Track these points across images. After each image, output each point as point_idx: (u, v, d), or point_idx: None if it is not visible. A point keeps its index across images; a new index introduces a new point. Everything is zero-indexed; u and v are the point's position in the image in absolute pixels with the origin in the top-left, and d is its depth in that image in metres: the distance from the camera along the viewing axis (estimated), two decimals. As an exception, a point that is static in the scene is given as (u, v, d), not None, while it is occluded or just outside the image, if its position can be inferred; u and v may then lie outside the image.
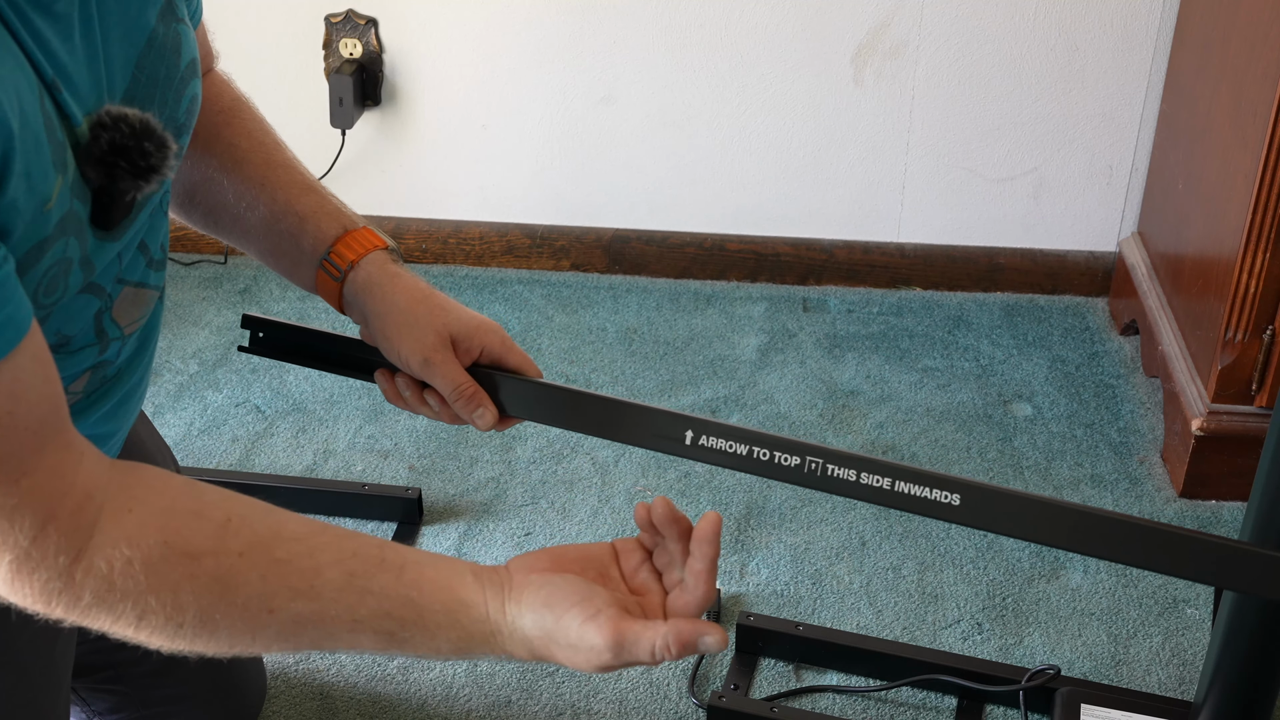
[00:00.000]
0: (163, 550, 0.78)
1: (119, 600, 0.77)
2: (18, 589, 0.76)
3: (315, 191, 1.08)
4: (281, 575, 0.80)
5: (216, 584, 0.79)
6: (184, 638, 0.80)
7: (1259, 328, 1.62)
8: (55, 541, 0.75)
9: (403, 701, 1.46)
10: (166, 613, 0.78)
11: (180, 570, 0.78)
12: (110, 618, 0.78)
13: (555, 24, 2.10)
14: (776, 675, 1.50)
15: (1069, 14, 2.01)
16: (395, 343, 1.03)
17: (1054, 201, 2.16)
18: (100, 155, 0.80)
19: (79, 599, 0.77)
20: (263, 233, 1.07)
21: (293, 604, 0.80)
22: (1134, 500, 1.74)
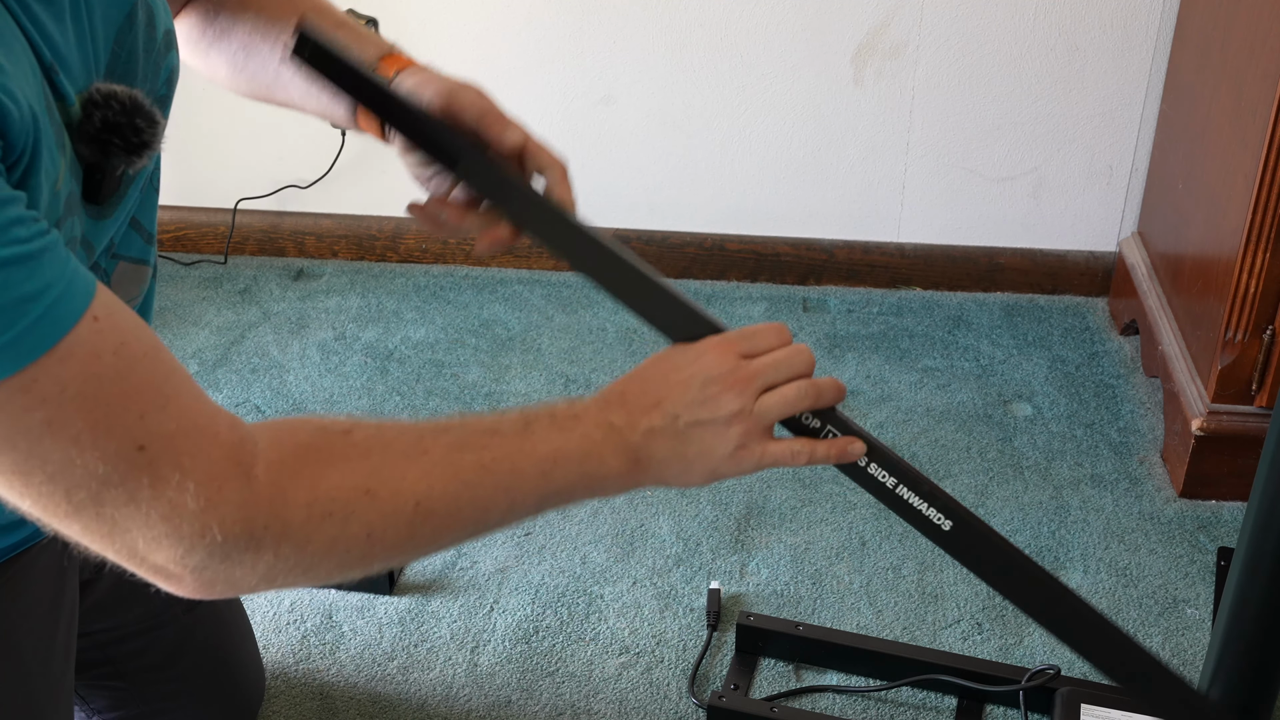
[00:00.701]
0: (320, 431, 0.80)
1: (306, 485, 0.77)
2: (212, 516, 0.73)
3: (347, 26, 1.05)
4: (416, 425, 0.83)
5: (376, 442, 0.80)
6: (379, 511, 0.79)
7: (1259, 328, 1.62)
8: (230, 451, 0.74)
9: (403, 701, 1.46)
10: (350, 482, 0.78)
11: (342, 442, 0.79)
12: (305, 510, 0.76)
13: (555, 24, 2.10)
14: (776, 675, 1.50)
15: (1069, 14, 2.01)
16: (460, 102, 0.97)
17: (1054, 201, 2.16)
18: (94, 133, 0.80)
19: (272, 498, 0.75)
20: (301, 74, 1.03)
21: (439, 437, 0.82)
22: (1134, 500, 1.74)
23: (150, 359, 0.73)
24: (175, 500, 0.72)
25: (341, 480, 0.78)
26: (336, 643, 1.54)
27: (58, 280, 0.69)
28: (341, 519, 0.77)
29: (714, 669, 1.50)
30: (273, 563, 0.76)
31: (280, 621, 1.57)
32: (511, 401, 1.94)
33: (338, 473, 0.78)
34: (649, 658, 1.52)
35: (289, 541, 0.76)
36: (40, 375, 0.68)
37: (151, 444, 0.71)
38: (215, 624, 1.30)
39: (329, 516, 0.77)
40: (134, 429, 0.71)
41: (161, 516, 0.72)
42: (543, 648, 1.53)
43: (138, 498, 0.71)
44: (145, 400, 0.72)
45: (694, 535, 1.69)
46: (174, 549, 0.73)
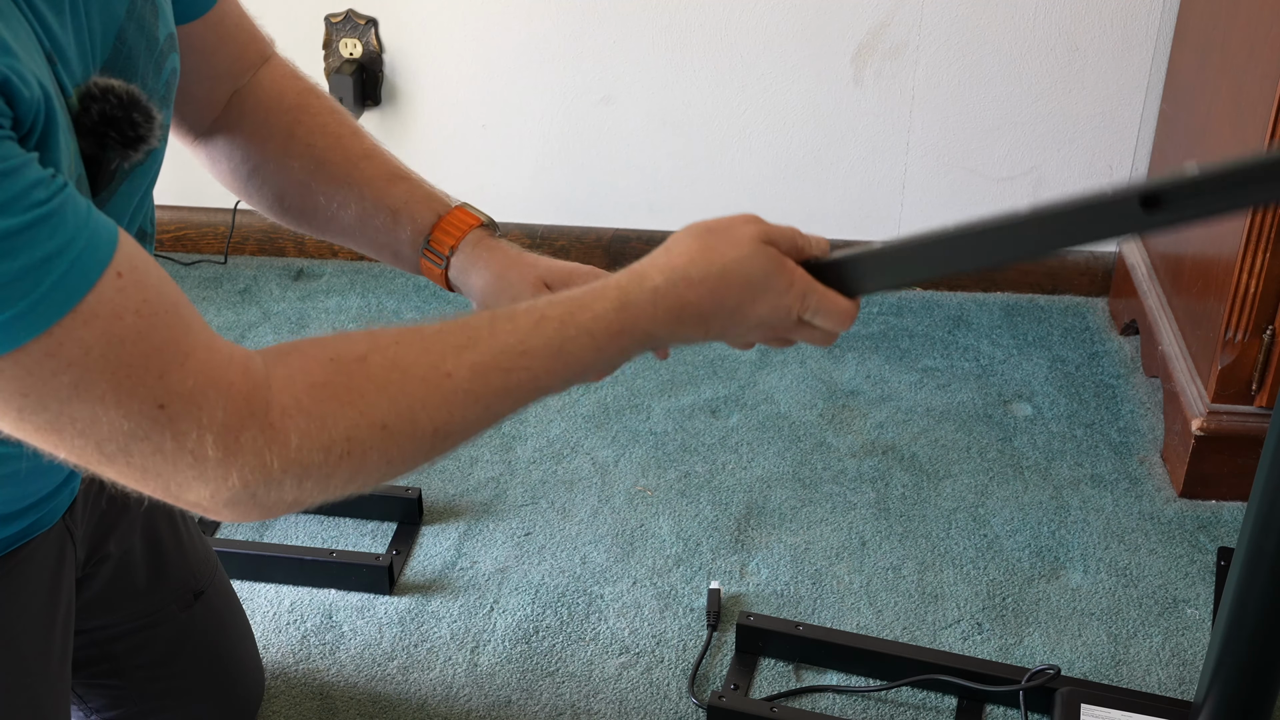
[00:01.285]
0: (333, 366, 0.79)
1: (322, 427, 0.78)
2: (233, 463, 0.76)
3: (403, 179, 1.08)
4: (439, 341, 0.82)
5: (394, 371, 0.80)
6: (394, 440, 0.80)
7: (1259, 328, 1.62)
8: (243, 401, 0.76)
9: (403, 701, 1.46)
10: (366, 419, 0.79)
11: (358, 374, 0.79)
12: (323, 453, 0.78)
13: (555, 24, 2.10)
14: (776, 675, 1.50)
15: (1069, 14, 2.01)
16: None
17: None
18: (91, 126, 0.81)
19: (288, 443, 0.77)
20: (359, 228, 1.07)
21: (461, 358, 0.82)
22: (1134, 500, 1.74)
23: (171, 314, 0.75)
24: (197, 452, 0.75)
25: (358, 418, 0.78)
26: (336, 643, 1.54)
27: (79, 235, 0.71)
28: (359, 455, 0.79)
29: (714, 669, 1.50)
30: (298, 494, 0.79)
31: (280, 621, 1.57)
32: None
33: (353, 409, 0.78)
34: (649, 658, 1.52)
35: (309, 479, 0.78)
36: (65, 338, 0.70)
37: (171, 402, 0.73)
38: (213, 622, 1.30)
39: (347, 455, 0.78)
40: (154, 388, 0.73)
41: (187, 465, 0.75)
42: (543, 648, 1.53)
43: (163, 449, 0.74)
44: (165, 358, 0.73)
45: (694, 535, 1.69)
46: (203, 490, 0.76)
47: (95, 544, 1.17)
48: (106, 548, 1.18)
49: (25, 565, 1.04)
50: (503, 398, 0.83)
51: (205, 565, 1.29)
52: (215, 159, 1.11)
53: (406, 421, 0.80)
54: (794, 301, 0.91)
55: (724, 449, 1.85)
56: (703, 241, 0.90)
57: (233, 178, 1.11)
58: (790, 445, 1.85)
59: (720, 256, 0.89)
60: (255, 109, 1.09)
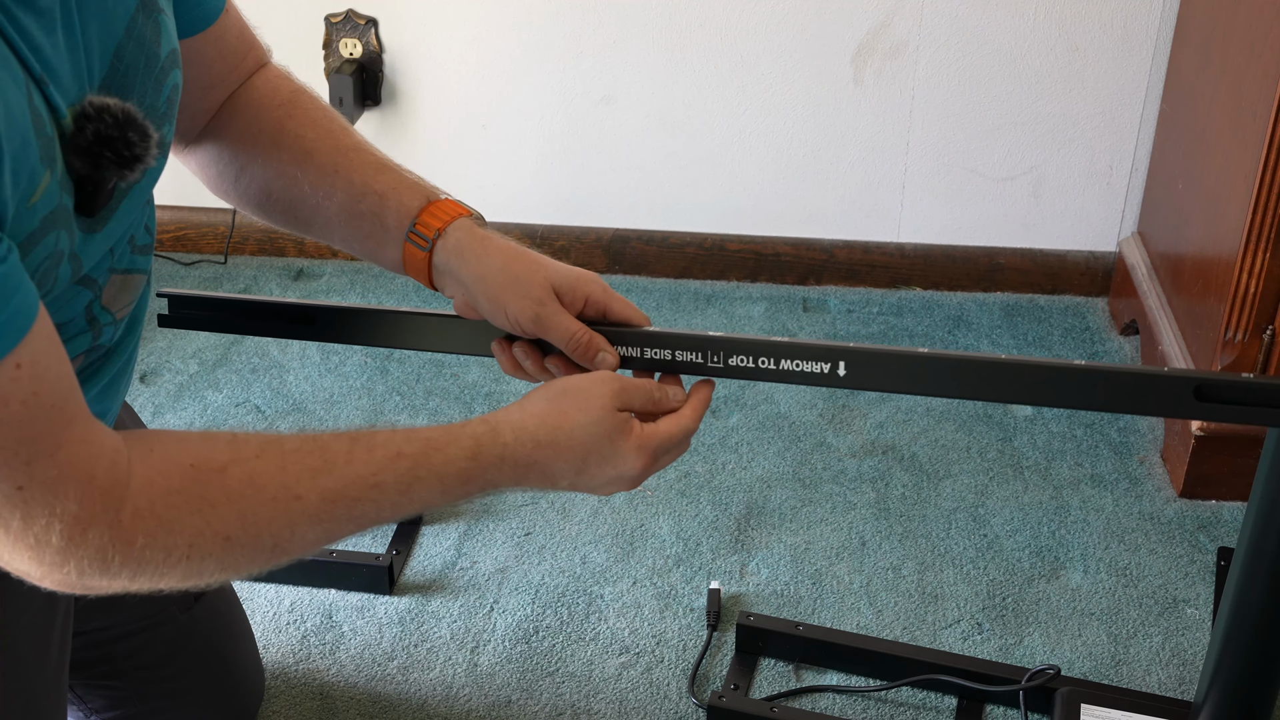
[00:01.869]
0: (193, 473, 0.82)
1: (168, 532, 0.80)
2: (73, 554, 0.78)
3: (390, 169, 1.08)
4: (297, 461, 0.85)
5: (248, 487, 0.83)
6: (234, 552, 0.83)
7: (1259, 328, 1.62)
8: (100, 498, 0.78)
9: (403, 701, 1.46)
10: (213, 529, 0.82)
11: (214, 485, 0.82)
12: (164, 554, 0.81)
13: (555, 24, 2.10)
14: (776, 675, 1.50)
15: (1069, 14, 2.01)
16: (501, 303, 1.02)
17: (1054, 201, 2.16)
18: (86, 146, 0.81)
19: (133, 543, 0.79)
20: (344, 218, 1.06)
21: (315, 482, 0.85)
22: (1134, 500, 1.74)
23: (56, 409, 0.76)
24: (41, 537, 0.77)
25: (204, 528, 0.81)
26: (336, 643, 1.54)
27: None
28: (198, 560, 0.82)
29: (714, 669, 1.50)
30: (127, 585, 0.82)
31: (280, 621, 1.57)
32: (511, 401, 1.94)
33: (201, 519, 0.81)
34: (649, 658, 1.52)
35: (144, 574, 0.81)
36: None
37: (30, 486, 0.75)
38: (213, 623, 1.30)
39: (186, 559, 0.82)
40: (18, 472, 0.75)
41: (27, 546, 0.77)
42: (543, 648, 1.53)
43: (9, 527, 0.76)
44: (37, 448, 0.75)
45: (694, 535, 1.69)
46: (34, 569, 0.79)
47: None
48: None
49: None
50: (345, 524, 0.87)
51: None
52: (204, 163, 1.11)
53: (250, 537, 0.83)
54: (639, 464, 0.95)
55: (724, 449, 1.85)
56: (554, 405, 0.94)
57: (220, 180, 1.11)
58: (790, 445, 1.85)
59: (567, 421, 0.93)
60: (246, 108, 1.09)
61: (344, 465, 0.86)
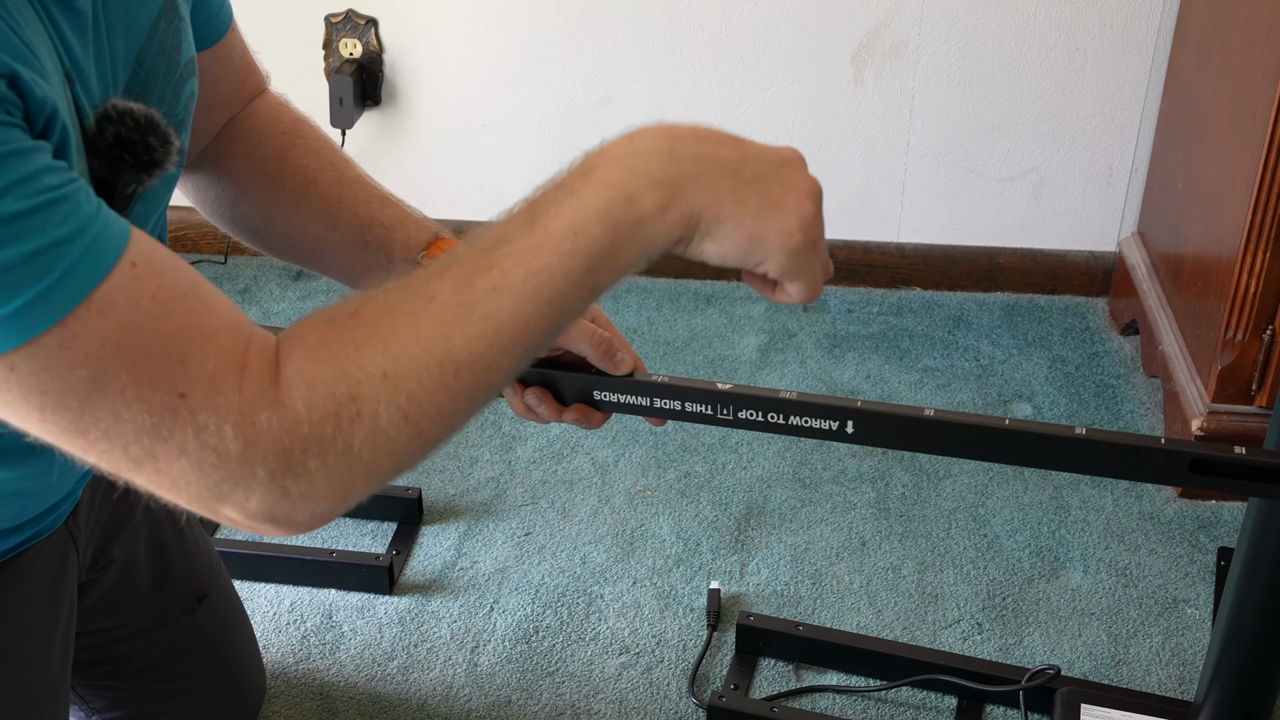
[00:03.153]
0: (328, 326, 0.75)
1: (324, 389, 0.73)
2: (253, 453, 0.72)
3: (394, 203, 1.07)
4: (422, 274, 0.77)
5: (383, 314, 0.75)
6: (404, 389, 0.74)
7: (1259, 328, 1.62)
8: (256, 381, 0.72)
9: (403, 701, 1.46)
10: (365, 371, 0.73)
11: (349, 328, 0.75)
12: (333, 419, 0.73)
13: (555, 24, 2.10)
14: (776, 675, 1.50)
15: (1069, 14, 2.01)
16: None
17: (1054, 201, 2.16)
18: (105, 148, 0.80)
19: (297, 414, 0.72)
20: (347, 248, 1.05)
21: (445, 275, 0.76)
22: (1134, 500, 1.74)
23: (190, 296, 0.72)
24: (220, 446, 0.71)
25: (356, 372, 0.73)
26: (336, 643, 1.54)
27: (92, 224, 0.69)
28: (370, 415, 0.73)
29: (714, 669, 1.50)
30: (329, 478, 0.74)
31: (280, 621, 1.57)
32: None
33: (350, 364, 0.73)
34: (649, 658, 1.52)
35: (331, 454, 0.74)
36: (80, 330, 0.68)
37: (192, 390, 0.70)
38: (216, 625, 1.30)
39: (357, 416, 0.73)
40: (175, 375, 0.70)
41: (213, 465, 0.72)
42: (543, 648, 1.53)
43: (186, 449, 0.71)
44: (185, 343, 0.71)
45: (694, 535, 1.69)
46: (235, 493, 0.73)
47: (100, 549, 1.17)
48: (111, 553, 1.18)
49: (26, 571, 1.04)
50: (494, 298, 0.75)
51: (209, 569, 1.29)
52: (201, 186, 1.10)
53: (406, 362, 0.74)
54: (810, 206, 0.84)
55: (724, 449, 1.85)
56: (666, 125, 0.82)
57: (217, 204, 1.10)
58: (790, 445, 1.85)
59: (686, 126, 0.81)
60: (248, 134, 1.09)
61: (466, 250, 0.77)
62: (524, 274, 0.75)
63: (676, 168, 0.79)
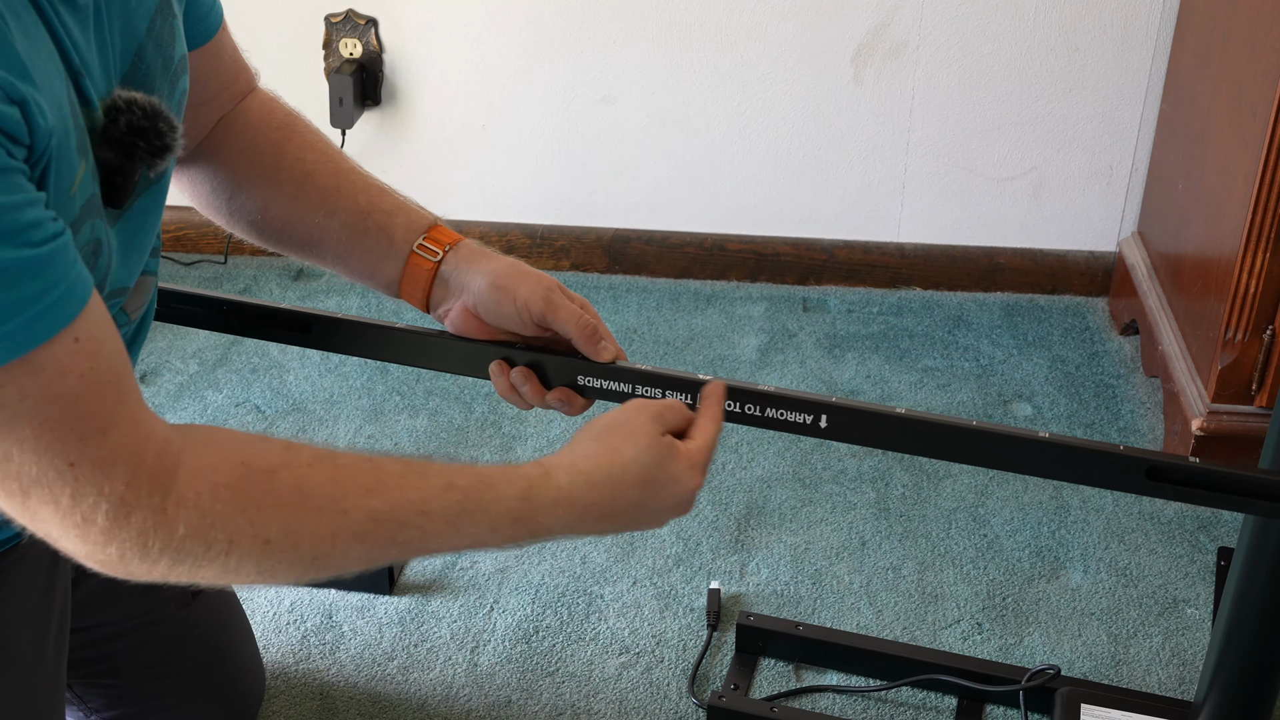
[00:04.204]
0: (243, 470, 0.82)
1: (211, 527, 0.80)
2: (116, 535, 0.78)
3: (390, 193, 1.10)
4: (349, 477, 0.84)
5: (295, 493, 0.83)
6: (272, 556, 0.82)
7: (1259, 328, 1.62)
8: (147, 483, 0.78)
9: (403, 701, 1.46)
10: (255, 530, 0.81)
11: (261, 486, 0.82)
12: (204, 548, 0.80)
13: (555, 24, 2.10)
14: (776, 675, 1.50)
15: (1069, 14, 2.01)
16: (512, 291, 1.04)
17: (1054, 201, 2.16)
18: (119, 136, 0.84)
19: (174, 532, 0.79)
20: (346, 234, 1.08)
21: (364, 501, 0.84)
22: (1134, 500, 1.74)
23: (111, 386, 0.78)
24: (88, 515, 0.77)
25: (246, 527, 0.81)
26: (336, 643, 1.54)
27: (55, 287, 0.74)
28: (236, 559, 0.81)
29: (714, 669, 1.50)
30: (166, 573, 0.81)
31: (280, 621, 1.57)
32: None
33: (244, 518, 0.81)
34: (649, 658, 1.52)
35: (182, 565, 0.81)
36: (7, 381, 0.73)
37: (82, 464, 0.76)
38: (212, 622, 1.30)
39: (224, 555, 0.81)
40: (71, 448, 0.76)
41: (74, 524, 0.78)
42: (543, 648, 1.53)
43: (59, 503, 0.77)
44: (91, 425, 0.76)
45: (694, 535, 1.69)
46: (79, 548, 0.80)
47: None
48: None
49: (20, 564, 1.04)
50: (389, 547, 0.86)
51: None
52: (196, 181, 1.13)
53: (291, 544, 0.82)
54: (695, 481, 0.95)
55: (724, 449, 1.85)
56: (602, 443, 0.93)
57: (213, 198, 1.12)
58: (790, 445, 1.85)
59: (619, 457, 0.92)
60: (243, 130, 1.11)
61: (395, 488, 0.85)
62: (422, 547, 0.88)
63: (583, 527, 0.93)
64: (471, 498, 0.87)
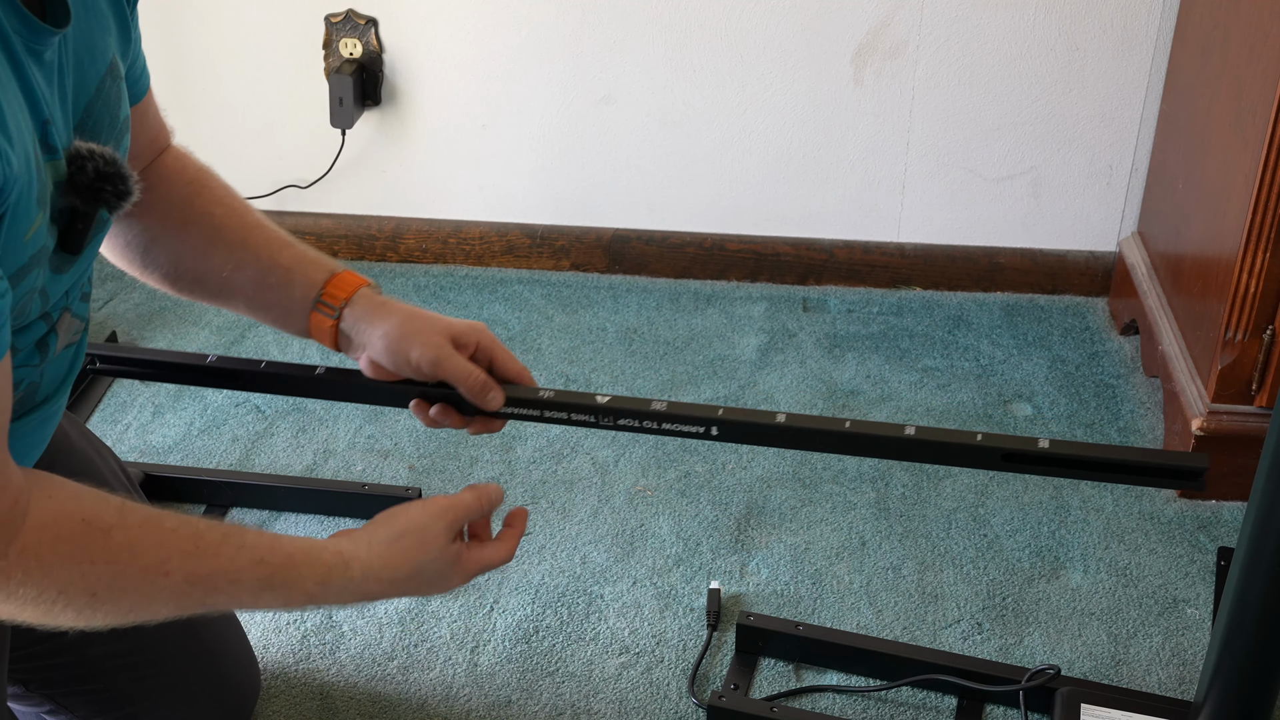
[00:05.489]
0: (83, 527, 0.89)
1: (45, 575, 0.87)
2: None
3: (293, 245, 1.17)
4: (173, 541, 0.93)
5: (125, 551, 0.90)
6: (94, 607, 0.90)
7: (1259, 328, 1.62)
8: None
9: (403, 701, 1.46)
10: (85, 583, 0.88)
11: (97, 543, 0.89)
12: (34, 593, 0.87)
13: (555, 24, 2.10)
14: (776, 675, 1.50)
15: (1069, 14, 2.01)
16: (406, 351, 1.13)
17: (1054, 201, 2.16)
18: (88, 183, 0.90)
19: (10, 576, 0.85)
20: (252, 290, 1.16)
21: (184, 564, 0.92)
22: (1134, 500, 1.74)
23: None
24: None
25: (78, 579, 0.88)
26: (336, 643, 1.54)
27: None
28: (60, 606, 0.88)
29: (714, 669, 1.50)
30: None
31: (280, 621, 1.57)
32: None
33: (77, 571, 0.88)
34: (649, 658, 1.52)
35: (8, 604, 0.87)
36: None
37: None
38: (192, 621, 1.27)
39: (51, 603, 0.88)
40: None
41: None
42: (543, 648, 1.53)
43: None
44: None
45: (694, 535, 1.69)
46: None
47: None
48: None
49: None
50: (198, 607, 0.95)
51: None
52: (112, 235, 1.17)
53: (114, 597, 0.90)
54: (458, 583, 1.08)
55: (724, 449, 1.85)
56: (398, 545, 1.03)
57: (127, 250, 1.17)
58: (790, 445, 1.85)
59: (408, 562, 1.03)
60: (157, 185, 1.15)
61: (212, 556, 0.94)
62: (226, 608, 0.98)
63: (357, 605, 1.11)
64: (278, 575, 0.97)
